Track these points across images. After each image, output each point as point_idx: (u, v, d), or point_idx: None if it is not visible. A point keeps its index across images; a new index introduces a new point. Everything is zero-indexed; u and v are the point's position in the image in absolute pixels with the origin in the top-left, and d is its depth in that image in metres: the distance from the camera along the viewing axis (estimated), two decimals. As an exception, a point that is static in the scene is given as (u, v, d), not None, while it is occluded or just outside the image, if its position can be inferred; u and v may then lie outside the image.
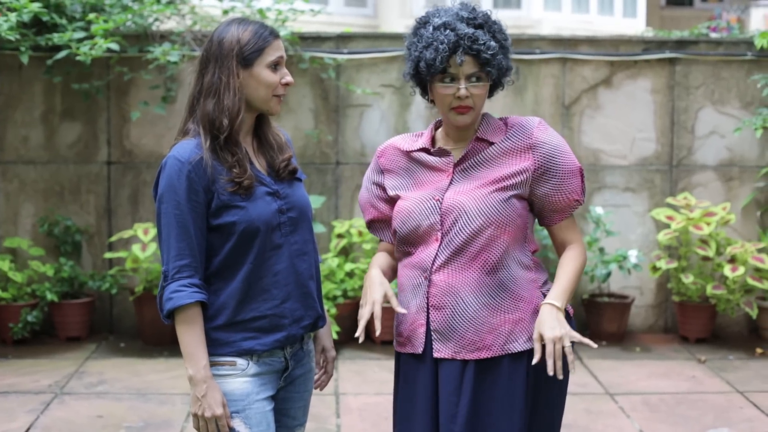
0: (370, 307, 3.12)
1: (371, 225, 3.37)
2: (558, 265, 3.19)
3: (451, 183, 3.14)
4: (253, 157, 3.10)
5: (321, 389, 3.35)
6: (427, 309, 3.12)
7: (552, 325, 2.98)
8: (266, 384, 3.08)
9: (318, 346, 3.34)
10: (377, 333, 3.02)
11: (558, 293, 3.07)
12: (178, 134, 3.10)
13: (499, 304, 3.08)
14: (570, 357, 2.96)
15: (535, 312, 3.10)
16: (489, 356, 3.06)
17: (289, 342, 3.11)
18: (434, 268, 3.10)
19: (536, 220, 3.26)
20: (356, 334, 3.12)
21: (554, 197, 3.13)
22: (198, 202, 2.97)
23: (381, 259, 3.33)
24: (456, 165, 3.15)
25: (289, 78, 3.09)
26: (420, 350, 3.14)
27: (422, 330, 3.13)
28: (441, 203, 3.10)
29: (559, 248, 3.22)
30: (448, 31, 3.05)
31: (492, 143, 3.13)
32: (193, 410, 2.97)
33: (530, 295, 3.12)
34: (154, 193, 3.05)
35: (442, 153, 3.18)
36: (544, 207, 3.16)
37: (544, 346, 2.97)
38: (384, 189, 3.28)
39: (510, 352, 3.07)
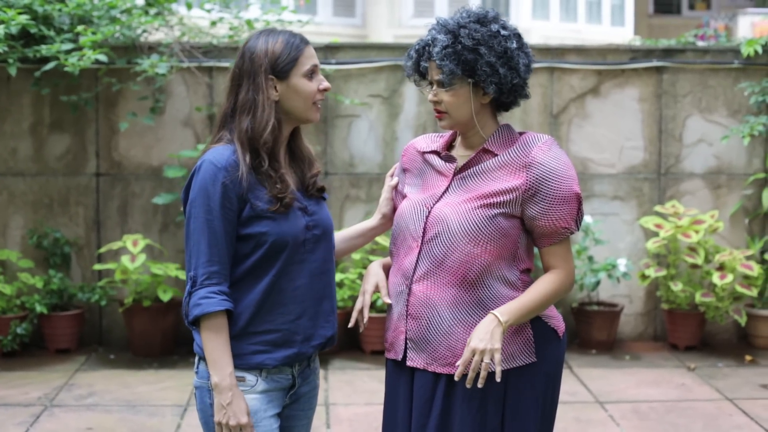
0: (361, 298, 3.20)
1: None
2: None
3: (446, 191, 3.13)
4: (287, 172, 3.08)
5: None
6: (406, 317, 3.13)
7: (482, 336, 2.94)
8: (273, 401, 3.06)
9: None
10: (364, 320, 3.12)
11: (511, 308, 3.00)
12: (210, 143, 3.07)
13: (476, 322, 3.05)
14: (483, 373, 2.92)
15: (515, 333, 3.07)
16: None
17: (299, 359, 3.09)
18: (415, 277, 3.11)
19: None
20: (349, 325, 3.24)
21: (540, 221, 3.06)
22: (231, 210, 2.94)
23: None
24: (456, 173, 3.14)
25: (326, 83, 3.08)
26: (400, 357, 3.16)
27: (402, 337, 3.15)
28: (429, 213, 3.11)
29: (546, 272, 3.16)
30: (421, 39, 3.13)
31: (496, 155, 3.10)
32: (218, 419, 2.95)
33: None
34: (184, 196, 3.02)
35: (449, 159, 3.18)
36: (532, 229, 3.10)
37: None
38: (404, 187, 3.31)
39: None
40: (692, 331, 7.44)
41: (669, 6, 17.95)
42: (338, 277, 7.10)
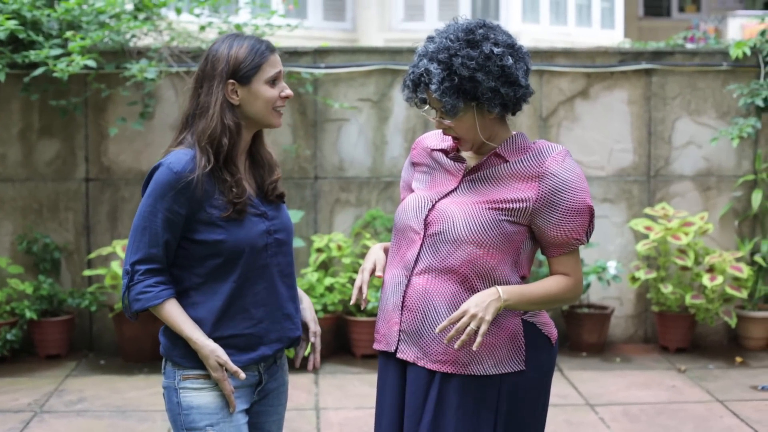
0: (360, 276, 3.21)
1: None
2: None
3: (454, 190, 3.13)
4: (245, 177, 3.11)
5: (313, 369, 3.28)
6: (402, 308, 3.13)
7: (478, 302, 2.97)
8: (240, 397, 3.10)
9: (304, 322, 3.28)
10: (363, 296, 3.16)
11: (514, 290, 3.02)
12: (172, 145, 3.10)
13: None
14: (464, 337, 2.92)
15: (510, 338, 3.07)
16: (451, 372, 3.05)
17: (263, 360, 3.13)
18: (416, 270, 3.11)
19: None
20: (351, 303, 3.24)
21: (552, 232, 3.06)
22: (178, 213, 2.99)
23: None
24: (466, 174, 3.14)
25: (288, 91, 3.10)
26: (392, 348, 3.16)
27: (396, 329, 3.15)
28: (432, 207, 3.12)
29: None
30: (413, 69, 3.09)
31: (507, 161, 3.09)
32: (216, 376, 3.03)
33: (507, 322, 3.08)
34: (142, 191, 3.08)
35: (458, 159, 3.18)
36: (542, 238, 3.10)
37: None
38: (411, 181, 3.33)
39: (471, 373, 3.04)
40: (682, 333, 7.45)
41: (659, 9, 17.98)
42: (328, 281, 7.09)
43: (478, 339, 2.93)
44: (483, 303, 2.96)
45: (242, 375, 3.02)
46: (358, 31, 12.28)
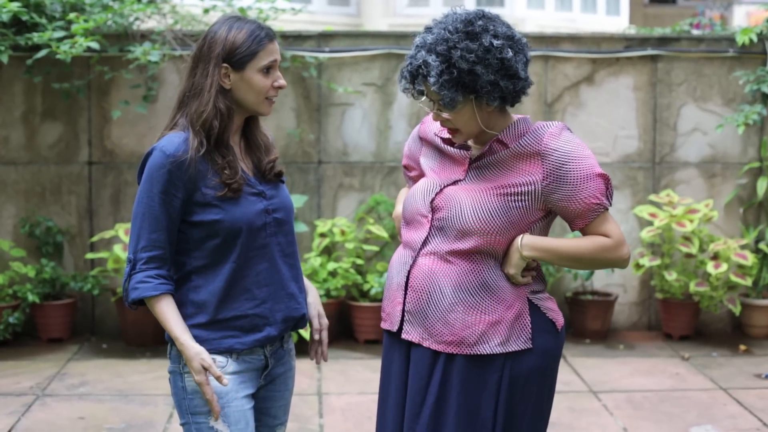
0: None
1: (404, 167, 3.49)
2: None
3: (462, 179, 3.13)
4: (240, 158, 3.10)
5: (320, 361, 3.27)
6: (406, 288, 3.13)
7: (504, 263, 3.08)
8: (246, 382, 3.09)
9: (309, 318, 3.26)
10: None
11: (535, 239, 3.07)
12: (166, 128, 3.09)
13: (477, 303, 3.05)
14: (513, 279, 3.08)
15: (516, 317, 3.07)
16: (456, 352, 3.04)
17: (269, 341, 3.12)
18: (422, 251, 3.10)
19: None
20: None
21: (571, 205, 3.03)
22: (175, 196, 2.98)
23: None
24: (472, 162, 3.13)
25: (281, 81, 3.08)
26: (395, 328, 3.16)
27: (399, 308, 3.15)
28: (440, 190, 3.11)
29: None
30: (411, 60, 3.06)
31: (508, 147, 3.08)
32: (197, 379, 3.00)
33: (513, 300, 3.07)
34: (138, 178, 3.08)
35: (463, 146, 3.17)
36: (565, 215, 3.08)
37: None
38: (418, 155, 3.34)
39: (478, 353, 3.03)
40: (686, 320, 7.43)
41: (664, -5, 17.94)
42: (331, 266, 7.07)
43: (525, 279, 3.07)
44: (507, 260, 3.06)
45: (225, 381, 2.98)
46: (362, 16, 12.24)
